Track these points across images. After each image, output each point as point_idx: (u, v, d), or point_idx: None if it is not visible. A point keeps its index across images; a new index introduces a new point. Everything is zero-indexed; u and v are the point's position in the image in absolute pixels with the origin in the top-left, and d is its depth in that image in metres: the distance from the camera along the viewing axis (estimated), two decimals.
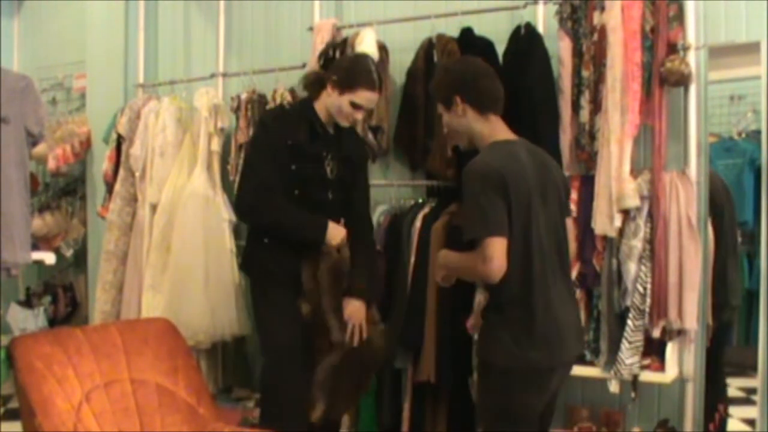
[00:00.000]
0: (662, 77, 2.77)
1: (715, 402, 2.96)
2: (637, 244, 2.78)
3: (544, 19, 3.09)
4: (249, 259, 2.94)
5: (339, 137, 2.86)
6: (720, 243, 2.96)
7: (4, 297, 4.59)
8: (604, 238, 2.86)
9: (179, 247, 3.63)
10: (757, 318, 2.82)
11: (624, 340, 2.76)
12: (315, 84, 2.84)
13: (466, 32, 3.20)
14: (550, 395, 2.31)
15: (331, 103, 2.75)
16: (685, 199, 2.77)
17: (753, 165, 2.94)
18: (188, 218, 3.64)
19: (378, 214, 3.37)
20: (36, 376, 2.42)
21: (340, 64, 2.86)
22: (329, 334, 2.78)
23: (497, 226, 2.11)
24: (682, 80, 2.77)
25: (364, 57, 2.90)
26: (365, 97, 2.71)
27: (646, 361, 2.81)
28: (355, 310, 2.80)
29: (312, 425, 2.80)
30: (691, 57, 2.80)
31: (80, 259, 4.58)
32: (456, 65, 2.53)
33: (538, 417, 2.28)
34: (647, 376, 2.80)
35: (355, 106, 2.71)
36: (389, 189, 3.50)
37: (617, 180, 2.75)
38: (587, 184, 2.90)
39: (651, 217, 2.79)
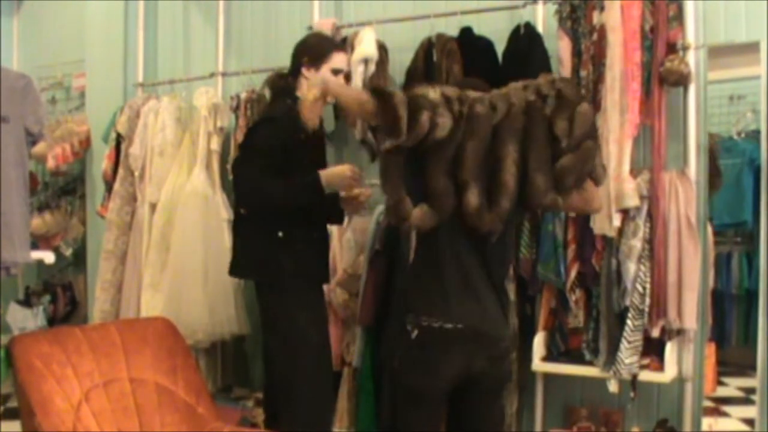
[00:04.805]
0: (662, 77, 2.77)
1: None
2: (636, 243, 2.78)
3: (543, 18, 3.09)
4: (255, 260, 2.75)
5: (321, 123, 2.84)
6: None
7: (4, 296, 4.59)
8: (604, 237, 2.85)
9: (178, 246, 3.63)
10: (756, 318, 2.82)
11: (623, 340, 2.76)
12: (286, 87, 2.78)
13: (466, 32, 3.20)
14: None
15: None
16: (685, 199, 2.77)
17: (752, 165, 2.93)
18: (187, 217, 3.64)
19: (377, 214, 3.35)
20: (35, 375, 2.42)
21: (303, 47, 2.79)
22: None
23: None
24: (681, 80, 2.77)
25: (316, 31, 3.17)
26: (340, 59, 2.76)
27: (645, 361, 2.81)
28: None
29: None
30: (691, 57, 2.80)
31: (79, 258, 4.58)
32: None
33: None
34: (646, 376, 2.80)
35: (335, 72, 2.73)
36: None
37: (616, 180, 2.75)
38: None
39: (650, 216, 2.79)
